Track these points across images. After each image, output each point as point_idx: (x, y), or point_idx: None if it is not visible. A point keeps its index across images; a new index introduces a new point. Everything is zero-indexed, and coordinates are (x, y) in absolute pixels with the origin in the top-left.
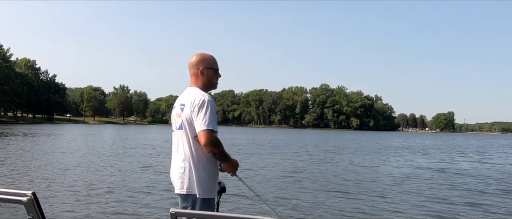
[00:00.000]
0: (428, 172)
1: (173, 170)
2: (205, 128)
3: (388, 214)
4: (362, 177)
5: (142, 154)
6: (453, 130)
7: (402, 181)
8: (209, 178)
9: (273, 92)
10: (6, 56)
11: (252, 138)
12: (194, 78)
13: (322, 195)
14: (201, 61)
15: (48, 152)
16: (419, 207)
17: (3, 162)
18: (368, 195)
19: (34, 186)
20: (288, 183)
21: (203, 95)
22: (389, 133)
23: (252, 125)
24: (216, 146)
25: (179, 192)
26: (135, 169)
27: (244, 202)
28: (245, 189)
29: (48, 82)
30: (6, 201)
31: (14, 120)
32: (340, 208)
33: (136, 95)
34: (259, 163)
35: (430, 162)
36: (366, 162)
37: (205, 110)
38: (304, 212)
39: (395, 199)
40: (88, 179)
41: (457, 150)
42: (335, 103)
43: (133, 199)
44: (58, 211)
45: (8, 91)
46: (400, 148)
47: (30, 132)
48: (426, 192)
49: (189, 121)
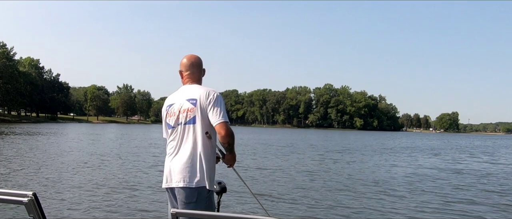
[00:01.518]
0: (446, 173)
1: (175, 165)
2: (224, 120)
3: (413, 213)
4: (380, 177)
5: (144, 154)
6: (457, 130)
7: (421, 181)
8: (214, 170)
9: (276, 92)
10: (10, 55)
11: (259, 138)
12: (196, 76)
13: (349, 197)
14: (201, 62)
15: (50, 152)
16: (441, 208)
17: (4, 161)
18: (389, 195)
19: (35, 186)
20: (305, 183)
21: (214, 90)
22: (394, 133)
23: (256, 124)
24: (233, 137)
25: (185, 186)
26: (137, 169)
27: (245, 201)
28: (247, 189)
29: (52, 81)
30: (7, 201)
31: (18, 119)
32: (358, 209)
33: (140, 95)
34: (275, 163)
35: (445, 163)
36: (382, 162)
37: (221, 104)
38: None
39: (416, 199)
40: (89, 179)
41: (465, 150)
42: (338, 103)
43: (134, 199)
44: (59, 211)
45: (11, 90)
46: (408, 149)
47: (33, 131)
48: (448, 193)
49: (204, 114)
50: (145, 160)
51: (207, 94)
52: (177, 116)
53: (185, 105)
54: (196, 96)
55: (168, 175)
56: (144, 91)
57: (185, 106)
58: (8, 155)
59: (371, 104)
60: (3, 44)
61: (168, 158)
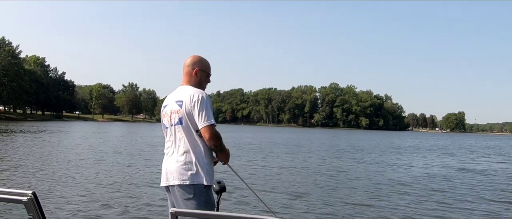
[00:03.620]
0: (469, 173)
1: (170, 164)
2: (208, 124)
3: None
4: (401, 177)
5: (147, 152)
6: (463, 130)
7: (445, 181)
8: (211, 166)
9: (282, 91)
10: (15, 53)
11: (267, 137)
12: (187, 77)
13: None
14: (197, 63)
15: (52, 150)
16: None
17: (5, 160)
18: (409, 195)
19: (35, 185)
20: (324, 182)
21: (199, 92)
22: (400, 133)
23: (261, 124)
24: (218, 139)
25: (180, 183)
26: (138, 168)
27: (246, 200)
28: (247, 188)
29: (57, 79)
30: (7, 200)
31: (23, 117)
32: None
33: (145, 93)
34: (291, 163)
35: (461, 163)
36: (398, 162)
37: (204, 106)
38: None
39: (437, 199)
40: (90, 178)
41: (477, 151)
42: (344, 102)
43: (135, 199)
44: (58, 210)
45: (16, 88)
46: (420, 149)
47: (37, 129)
48: (472, 193)
49: (190, 116)
50: (146, 158)
51: (192, 96)
52: (169, 117)
53: (174, 107)
54: (183, 98)
55: (164, 174)
56: (149, 90)
57: (174, 108)
58: (10, 153)
59: (377, 103)
60: (8, 42)
61: (165, 158)
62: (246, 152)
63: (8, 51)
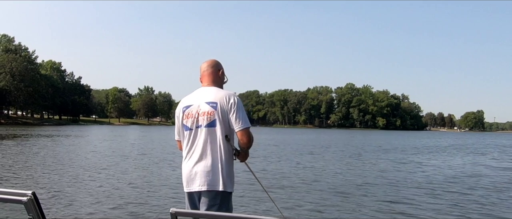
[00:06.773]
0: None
1: (197, 167)
2: (246, 127)
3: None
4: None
5: (157, 155)
6: (482, 129)
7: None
8: (233, 171)
9: (297, 92)
10: (32, 58)
11: (288, 138)
12: (213, 77)
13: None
14: (220, 64)
15: (64, 153)
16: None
17: (10, 162)
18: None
19: (35, 186)
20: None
21: (234, 94)
22: (419, 133)
23: (277, 125)
24: (252, 142)
25: (209, 189)
26: (141, 169)
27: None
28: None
29: (74, 84)
30: (6, 201)
31: (40, 122)
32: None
33: (161, 96)
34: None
35: (494, 162)
36: (428, 162)
37: (241, 109)
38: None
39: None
40: (91, 178)
41: (505, 150)
42: (361, 102)
43: (135, 198)
44: (58, 211)
45: (33, 93)
46: (448, 147)
47: (52, 133)
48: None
49: (224, 118)
50: (153, 161)
51: (227, 98)
52: (195, 118)
53: (205, 108)
54: (216, 100)
55: (188, 178)
56: (165, 93)
57: (205, 109)
58: (19, 157)
59: (394, 103)
60: (25, 47)
61: (187, 161)
62: (268, 154)
63: (24, 57)
